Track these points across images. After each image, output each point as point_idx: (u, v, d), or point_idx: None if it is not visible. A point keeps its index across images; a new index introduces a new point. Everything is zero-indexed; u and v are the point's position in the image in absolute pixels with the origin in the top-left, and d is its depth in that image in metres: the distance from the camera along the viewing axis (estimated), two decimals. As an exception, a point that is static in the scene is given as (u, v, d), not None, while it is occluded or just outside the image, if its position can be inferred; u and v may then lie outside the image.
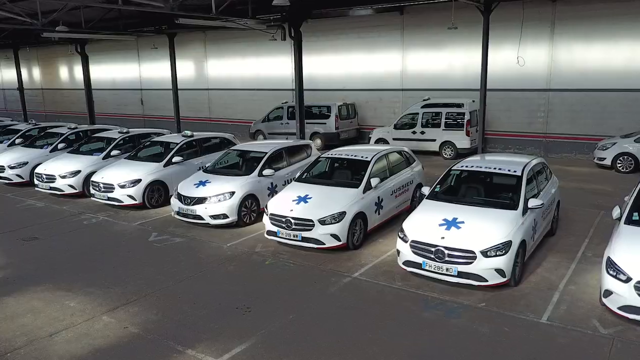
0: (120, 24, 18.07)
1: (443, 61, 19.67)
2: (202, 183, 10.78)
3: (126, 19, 18.10)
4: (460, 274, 7.15)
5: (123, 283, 7.93)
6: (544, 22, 17.33)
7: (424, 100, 18.78)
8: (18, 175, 14.85)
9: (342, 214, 8.76)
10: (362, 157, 10.18)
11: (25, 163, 14.94)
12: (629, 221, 7.05)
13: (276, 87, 24.33)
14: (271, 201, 9.51)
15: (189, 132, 13.62)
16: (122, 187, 11.92)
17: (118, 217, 11.72)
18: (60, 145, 15.59)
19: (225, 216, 10.36)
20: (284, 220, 8.93)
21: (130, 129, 15.19)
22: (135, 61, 29.90)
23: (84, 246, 9.78)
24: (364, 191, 9.38)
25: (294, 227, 8.83)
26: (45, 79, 36.10)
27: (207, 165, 11.95)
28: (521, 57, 15.72)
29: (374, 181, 9.54)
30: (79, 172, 13.33)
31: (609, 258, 6.48)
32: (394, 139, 18.97)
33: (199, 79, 27.18)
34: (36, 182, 13.68)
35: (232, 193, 10.41)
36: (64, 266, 8.76)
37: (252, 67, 25.01)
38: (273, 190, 11.26)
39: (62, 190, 13.29)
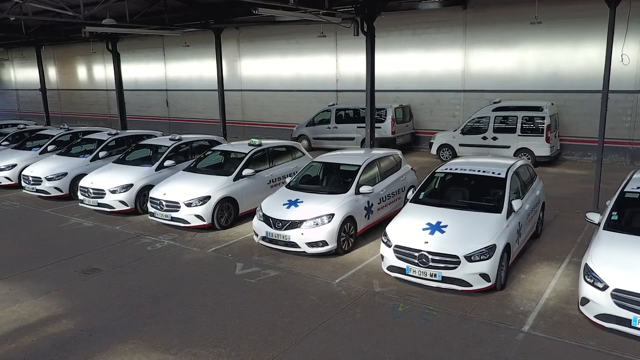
0: (165, 18, 16.37)
1: (512, 60, 17.94)
2: (293, 203, 9.05)
3: (170, 13, 16.38)
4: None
5: (233, 342, 6.21)
6: None
7: (495, 102, 17.04)
8: (57, 189, 13.14)
9: (492, 249, 7.05)
10: (492, 173, 8.47)
11: (64, 174, 13.24)
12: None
13: (318, 88, 22.64)
14: (393, 228, 7.78)
15: (256, 140, 11.90)
16: (189, 205, 10.20)
17: (185, 240, 10.00)
18: (102, 154, 13.89)
19: (324, 243, 8.64)
20: (416, 254, 7.21)
21: (182, 135, 13.47)
22: (161, 60, 28.19)
23: (159, 282, 8.07)
24: (507, 216, 7.68)
25: (431, 264, 7.11)
26: (62, 79, 34.40)
27: (289, 180, 10.21)
28: (625, 55, 13.99)
29: (516, 204, 7.84)
30: (130, 185, 11.63)
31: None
32: (460, 145, 17.28)
33: (232, 79, 25.40)
34: (81, 197, 11.97)
35: (331, 215, 8.69)
36: (145, 311, 7.05)
37: (292, 67, 23.30)
38: (369, 211, 9.56)
39: (113, 207, 11.58)
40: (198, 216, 10.21)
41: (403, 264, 7.34)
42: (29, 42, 23.92)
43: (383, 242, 7.73)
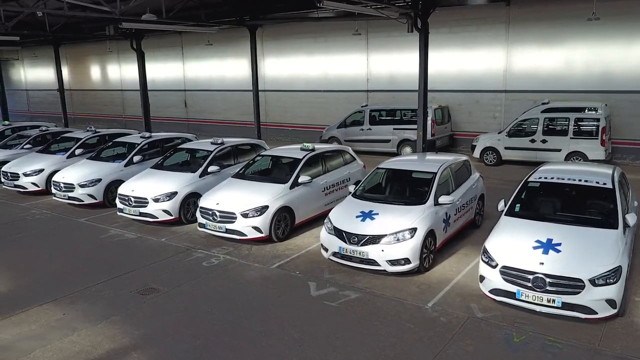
0: (201, 14, 15.51)
1: (558, 59, 17.08)
2: (368, 215, 8.19)
3: (205, 9, 15.52)
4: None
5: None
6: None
7: (544, 103, 16.20)
8: (90, 196, 12.29)
9: (617, 271, 6.20)
10: (596, 183, 7.62)
11: (98, 180, 12.38)
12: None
13: (347, 88, 21.78)
14: (495, 246, 6.92)
15: (309, 145, 11.04)
16: (245, 216, 9.33)
17: (242, 255, 9.14)
18: (136, 158, 13.03)
19: (406, 261, 7.78)
20: (530, 277, 6.36)
21: (223, 138, 12.60)
22: (179, 60, 27.35)
23: (228, 305, 7.22)
24: (624, 232, 6.83)
25: (548, 288, 6.26)
26: (75, 79, 33.52)
27: (353, 188, 9.35)
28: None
29: (631, 219, 6.99)
30: (174, 193, 10.77)
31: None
32: (506, 149, 16.44)
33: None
34: (120, 205, 11.10)
35: (414, 230, 7.84)
36: (224, 342, 6.20)
37: (319, 66, 22.44)
38: (447, 223, 8.70)
39: (156, 217, 10.72)
40: (256, 228, 9.36)
41: (513, 288, 6.52)
42: (47, 40, 23.04)
43: (483, 261, 6.92)
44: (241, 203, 9.48)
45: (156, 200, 10.68)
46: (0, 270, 8.71)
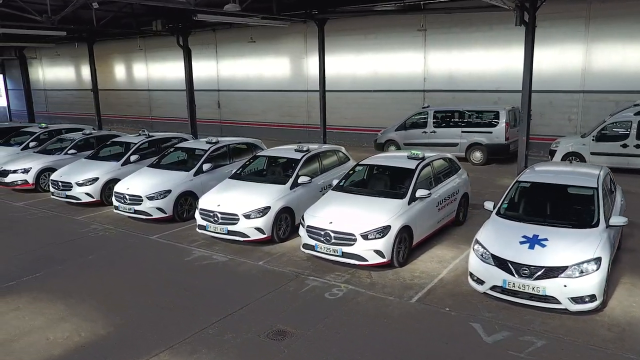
0: (272, 6, 14.15)
1: (645, 57, 15.76)
2: (535, 241, 6.83)
3: (276, 2, 14.16)
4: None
5: None
6: None
7: (636, 105, 14.85)
8: (160, 209, 10.92)
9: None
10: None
11: (168, 192, 11.02)
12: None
13: (400, 88, 20.43)
14: None
15: (419, 153, 9.68)
16: (366, 238, 7.98)
17: (364, 284, 7.79)
18: (206, 167, 11.70)
19: (592, 298, 6.43)
20: None
21: (309, 145, 11.26)
22: (213, 58, 25.98)
23: (387, 354, 5.86)
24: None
25: None
26: (98, 79, 32.03)
27: (494, 206, 8.00)
28: None
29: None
30: (267, 209, 9.42)
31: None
32: (592, 154, 15.06)
33: (297, 78, 23.24)
34: (203, 222, 9.73)
35: (598, 260, 6.49)
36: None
37: (369, 65, 21.09)
38: (615, 248, 7.35)
39: (247, 236, 9.37)
40: (378, 252, 8.00)
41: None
42: (81, 37, 21.67)
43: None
44: (358, 223, 8.13)
45: (247, 216, 9.32)
46: (85, 302, 7.35)
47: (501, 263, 6.77)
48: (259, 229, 9.28)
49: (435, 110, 17.84)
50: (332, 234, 8.15)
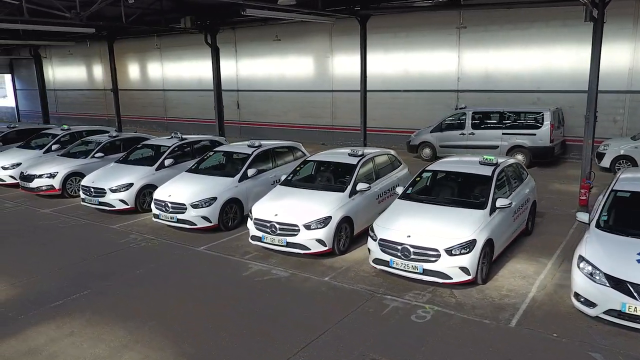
0: (318, 2, 13.42)
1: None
2: (656, 259, 6.12)
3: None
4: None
5: None
6: None
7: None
8: (205, 218, 10.18)
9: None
10: None
11: (213, 199, 10.27)
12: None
13: (432, 87, 19.68)
14: None
15: (493, 159, 8.95)
16: (451, 253, 7.25)
17: (450, 304, 7.06)
18: (250, 172, 10.97)
19: None
20: None
21: (363, 150, 10.52)
22: (232, 57, 25.17)
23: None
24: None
25: None
26: (109, 79, 31.20)
27: (589, 217, 7.27)
28: None
29: None
30: (329, 219, 8.69)
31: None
32: (649, 158, 14.36)
33: (322, 78, 22.49)
34: (258, 232, 8.97)
35: None
36: None
37: (398, 64, 20.34)
38: None
39: (308, 249, 8.64)
40: (463, 269, 7.27)
41: None
42: (102, 36, 20.93)
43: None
44: (440, 236, 7.40)
45: (307, 227, 8.58)
46: (146, 326, 6.61)
47: (617, 284, 6.04)
48: (320, 241, 8.56)
49: (474, 111, 17.11)
50: (412, 249, 7.41)
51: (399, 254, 7.50)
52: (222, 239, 9.99)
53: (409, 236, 7.50)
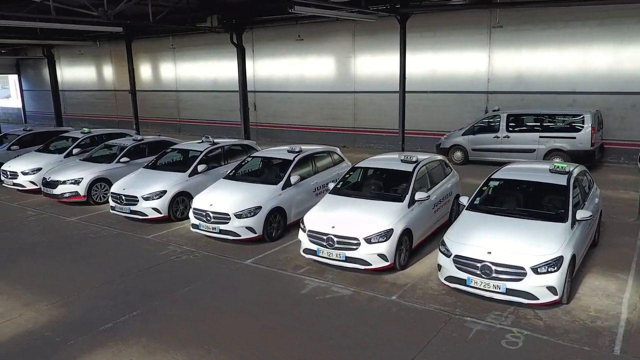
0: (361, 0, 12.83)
1: None
2: None
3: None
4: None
5: None
6: None
7: None
8: (249, 229, 9.56)
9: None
10: None
11: (258, 208, 9.65)
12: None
13: (459, 89, 19.09)
14: None
15: (565, 166, 8.36)
16: (538, 271, 6.64)
17: (537, 327, 6.46)
18: (293, 179, 10.37)
19: None
20: None
21: (414, 154, 9.91)
22: (249, 58, 24.46)
23: None
24: None
25: None
26: (121, 79, 30.68)
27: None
28: None
29: None
30: (390, 232, 8.07)
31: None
32: (695, 162, 13.78)
33: (343, 78, 21.90)
34: (312, 245, 8.35)
35: None
36: None
37: (424, 64, 19.69)
38: None
39: (369, 264, 8.04)
40: (550, 288, 6.68)
41: None
42: (120, 35, 20.31)
43: None
44: (526, 253, 6.80)
45: (368, 240, 7.97)
46: (211, 355, 6.01)
47: None
48: (382, 256, 7.96)
49: (509, 113, 16.51)
50: (493, 267, 6.81)
51: (478, 272, 6.90)
52: (268, 251, 9.39)
53: (490, 252, 6.90)
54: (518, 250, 6.85)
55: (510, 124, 16.33)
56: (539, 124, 16.00)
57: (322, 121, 22.78)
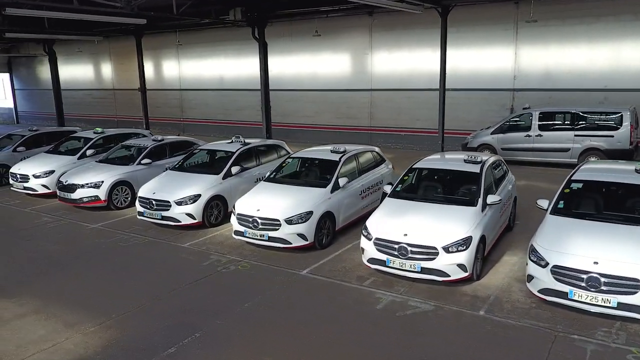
0: None
1: None
2: None
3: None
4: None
5: None
6: None
7: None
8: (301, 236, 8.76)
9: None
10: None
11: (310, 213, 8.86)
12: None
13: (483, 86, 18.48)
14: None
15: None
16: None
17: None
18: (342, 181, 9.59)
19: None
20: None
21: (479, 154, 9.20)
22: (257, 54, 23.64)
23: None
24: None
25: None
26: (120, 78, 29.66)
27: None
28: None
29: None
30: (469, 240, 7.36)
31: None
32: None
33: (359, 76, 21.18)
34: (381, 255, 7.57)
35: None
36: None
37: (452, 60, 18.88)
38: None
39: (447, 275, 7.30)
40: (460, 266, 6.02)
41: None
42: (129, 30, 19.32)
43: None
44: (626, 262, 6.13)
45: (447, 248, 7.25)
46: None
47: None
48: (461, 266, 7.25)
49: (541, 111, 15.92)
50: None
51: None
52: (321, 260, 8.63)
53: (596, 262, 6.22)
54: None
55: (542, 122, 15.74)
56: (573, 122, 15.41)
57: (336, 120, 22.04)
